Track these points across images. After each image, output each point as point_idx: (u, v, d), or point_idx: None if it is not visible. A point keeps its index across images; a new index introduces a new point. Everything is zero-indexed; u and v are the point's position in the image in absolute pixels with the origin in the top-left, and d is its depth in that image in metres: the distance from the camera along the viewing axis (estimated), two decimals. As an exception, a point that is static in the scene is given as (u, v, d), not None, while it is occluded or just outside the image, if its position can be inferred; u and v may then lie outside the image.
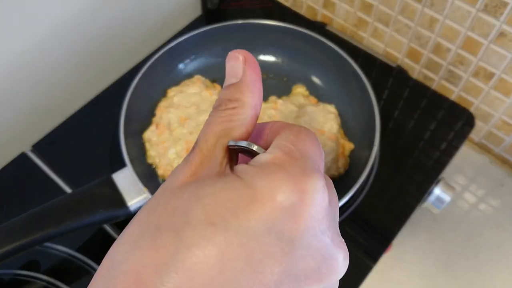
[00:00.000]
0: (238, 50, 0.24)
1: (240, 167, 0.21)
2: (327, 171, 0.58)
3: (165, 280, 0.17)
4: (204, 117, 0.61)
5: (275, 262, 0.18)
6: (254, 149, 0.22)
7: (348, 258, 0.21)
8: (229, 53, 0.25)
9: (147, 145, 0.61)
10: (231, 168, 0.22)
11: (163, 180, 0.59)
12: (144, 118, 0.63)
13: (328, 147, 0.58)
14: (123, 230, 0.21)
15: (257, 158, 0.21)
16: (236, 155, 0.24)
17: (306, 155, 0.21)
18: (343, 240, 0.22)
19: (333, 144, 0.59)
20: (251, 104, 0.24)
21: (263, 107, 0.63)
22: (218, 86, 0.67)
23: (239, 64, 0.24)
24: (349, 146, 0.61)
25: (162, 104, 0.64)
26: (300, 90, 0.67)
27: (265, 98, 0.66)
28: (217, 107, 0.25)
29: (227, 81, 0.25)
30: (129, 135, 0.58)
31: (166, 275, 0.17)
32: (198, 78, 0.67)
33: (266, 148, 0.22)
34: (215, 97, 0.64)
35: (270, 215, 0.18)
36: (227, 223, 0.18)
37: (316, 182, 0.19)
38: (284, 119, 0.62)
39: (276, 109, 0.62)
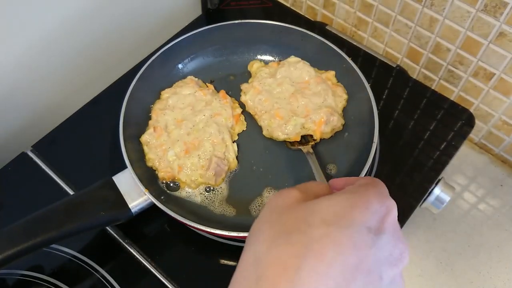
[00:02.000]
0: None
1: (337, 192, 0.32)
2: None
3: (303, 263, 0.26)
4: (200, 117, 0.61)
5: (367, 247, 0.28)
6: None
7: (408, 252, 0.31)
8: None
9: (145, 149, 0.60)
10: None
11: (164, 183, 0.59)
12: (141, 121, 0.63)
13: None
14: (250, 240, 0.31)
15: (352, 185, 0.32)
16: None
17: (382, 186, 0.33)
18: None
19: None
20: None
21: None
22: (211, 86, 0.67)
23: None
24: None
25: (157, 107, 0.64)
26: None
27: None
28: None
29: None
30: (127, 138, 0.58)
31: (303, 260, 0.26)
32: (191, 78, 0.67)
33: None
34: (209, 97, 0.64)
35: (366, 216, 0.29)
36: (337, 222, 0.28)
37: (391, 200, 0.31)
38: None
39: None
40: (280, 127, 0.62)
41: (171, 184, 0.59)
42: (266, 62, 0.71)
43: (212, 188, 0.59)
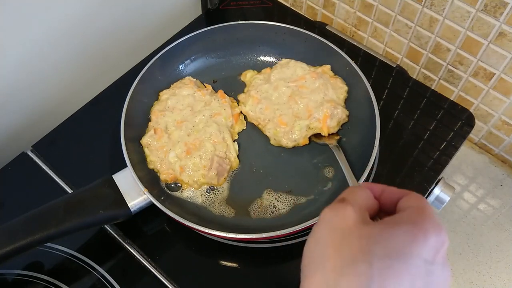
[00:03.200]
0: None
1: (395, 219, 0.33)
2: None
3: None
4: (199, 117, 0.61)
5: (421, 277, 0.30)
6: None
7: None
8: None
9: (146, 151, 0.60)
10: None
11: (166, 185, 0.59)
12: (141, 121, 0.63)
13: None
14: (315, 262, 0.32)
15: (405, 212, 0.33)
16: None
17: (432, 210, 0.33)
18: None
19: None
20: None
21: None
22: (209, 86, 0.67)
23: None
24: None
25: (157, 108, 0.63)
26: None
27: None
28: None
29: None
30: (128, 139, 0.58)
31: None
32: (189, 79, 0.67)
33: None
34: (208, 97, 0.64)
35: (424, 249, 0.30)
36: (398, 256, 0.30)
37: (445, 232, 0.32)
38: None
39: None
40: (286, 135, 0.61)
41: (172, 185, 0.59)
42: (267, 63, 0.71)
43: (213, 188, 0.59)
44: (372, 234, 0.31)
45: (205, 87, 0.67)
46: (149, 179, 0.57)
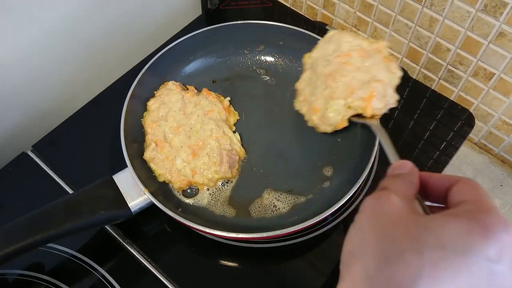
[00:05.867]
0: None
1: (450, 212, 0.29)
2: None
3: (418, 285, 0.25)
4: (194, 118, 0.61)
5: (483, 277, 0.26)
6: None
7: None
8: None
9: (152, 166, 0.59)
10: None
11: (181, 194, 0.58)
12: (142, 120, 0.63)
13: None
14: (355, 248, 0.30)
15: (460, 207, 0.29)
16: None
17: (493, 206, 0.29)
18: None
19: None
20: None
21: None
22: (191, 88, 0.67)
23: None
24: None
25: (149, 119, 0.62)
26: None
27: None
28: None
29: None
30: (130, 156, 0.56)
31: (418, 282, 0.25)
32: (173, 83, 0.66)
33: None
34: (196, 98, 0.64)
35: (484, 245, 0.26)
36: (454, 248, 0.26)
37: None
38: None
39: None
40: (322, 120, 0.55)
41: (188, 191, 0.59)
42: (267, 63, 0.71)
43: (217, 188, 0.59)
44: (422, 222, 0.28)
45: (188, 89, 0.67)
46: (164, 192, 0.57)
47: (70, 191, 0.61)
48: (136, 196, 0.54)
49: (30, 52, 0.64)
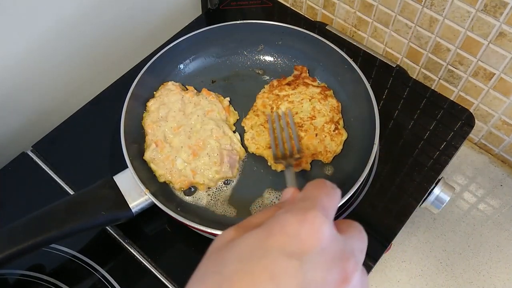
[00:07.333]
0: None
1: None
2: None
3: None
4: (194, 118, 0.61)
5: (288, 275, 0.26)
6: None
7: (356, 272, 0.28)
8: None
9: (153, 166, 0.59)
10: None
11: (182, 194, 0.59)
12: (136, 131, 0.62)
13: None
14: (199, 272, 0.30)
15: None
16: None
17: (309, 197, 0.30)
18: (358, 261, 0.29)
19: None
20: None
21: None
22: (191, 88, 0.67)
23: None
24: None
25: (149, 120, 0.62)
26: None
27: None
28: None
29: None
30: (128, 145, 0.57)
31: None
32: (173, 84, 0.66)
33: None
34: (195, 98, 0.64)
35: (281, 241, 0.26)
36: (251, 256, 0.27)
37: (315, 216, 0.27)
38: None
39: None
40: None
41: (189, 191, 0.59)
42: (267, 63, 0.71)
43: (218, 188, 0.59)
44: (230, 244, 0.29)
45: (187, 89, 0.67)
46: (165, 194, 0.57)
47: (70, 191, 0.61)
48: (137, 196, 0.54)
49: (30, 52, 0.63)
